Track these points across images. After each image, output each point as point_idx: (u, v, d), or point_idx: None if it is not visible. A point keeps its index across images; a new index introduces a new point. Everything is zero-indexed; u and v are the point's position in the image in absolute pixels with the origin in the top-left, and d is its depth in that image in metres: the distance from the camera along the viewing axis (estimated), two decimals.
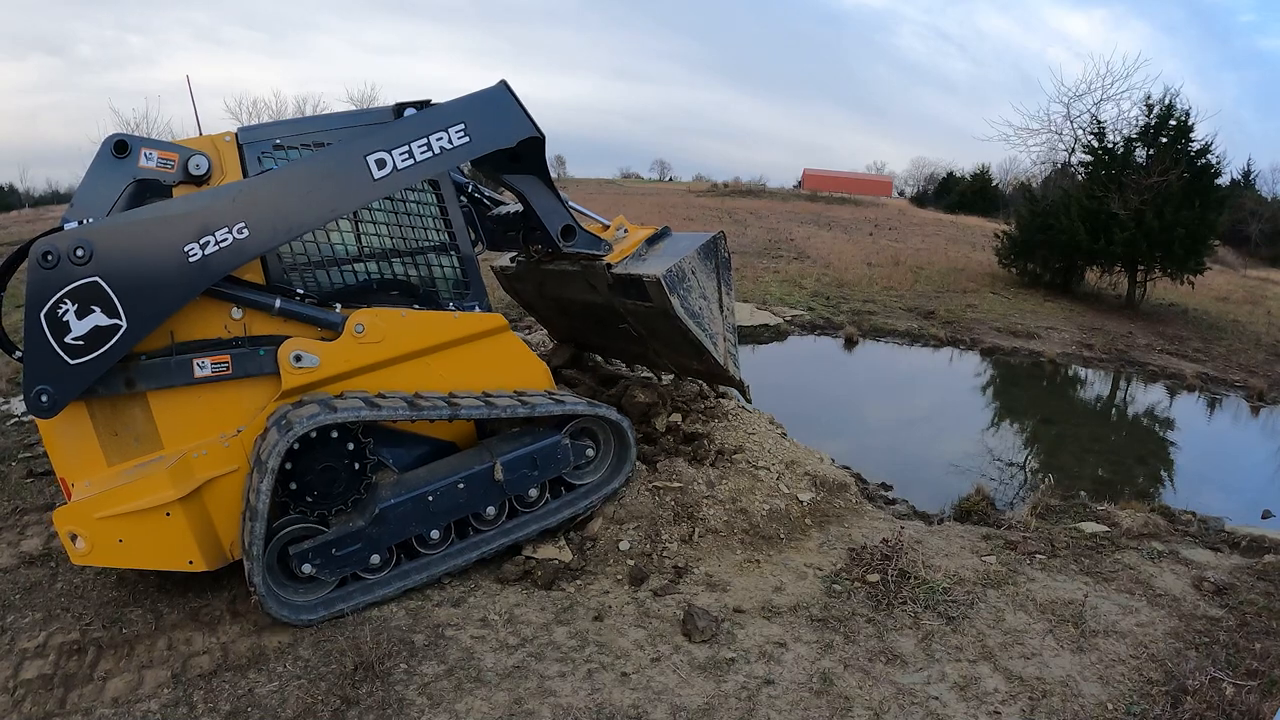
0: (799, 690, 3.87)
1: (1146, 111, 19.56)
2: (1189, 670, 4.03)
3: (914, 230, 34.51)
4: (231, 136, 4.47)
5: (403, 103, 4.81)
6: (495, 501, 4.87)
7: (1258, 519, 7.64)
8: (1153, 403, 12.93)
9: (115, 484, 4.11)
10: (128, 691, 3.80)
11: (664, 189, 65.78)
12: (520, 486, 4.94)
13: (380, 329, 4.67)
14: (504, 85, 4.90)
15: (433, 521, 4.66)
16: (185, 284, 4.05)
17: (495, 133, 4.82)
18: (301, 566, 4.31)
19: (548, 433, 5.08)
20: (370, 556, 4.47)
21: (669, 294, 5.16)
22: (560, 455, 5.08)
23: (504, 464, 4.81)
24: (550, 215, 5.38)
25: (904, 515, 6.63)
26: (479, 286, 5.30)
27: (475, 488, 4.75)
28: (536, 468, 4.97)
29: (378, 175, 4.40)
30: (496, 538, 4.89)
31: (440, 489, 4.63)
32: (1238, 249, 40.55)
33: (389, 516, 4.47)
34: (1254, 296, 24.63)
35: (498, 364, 5.12)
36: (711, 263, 5.54)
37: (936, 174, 67.72)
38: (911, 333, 15.09)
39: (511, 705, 3.70)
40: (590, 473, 5.33)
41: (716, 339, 5.62)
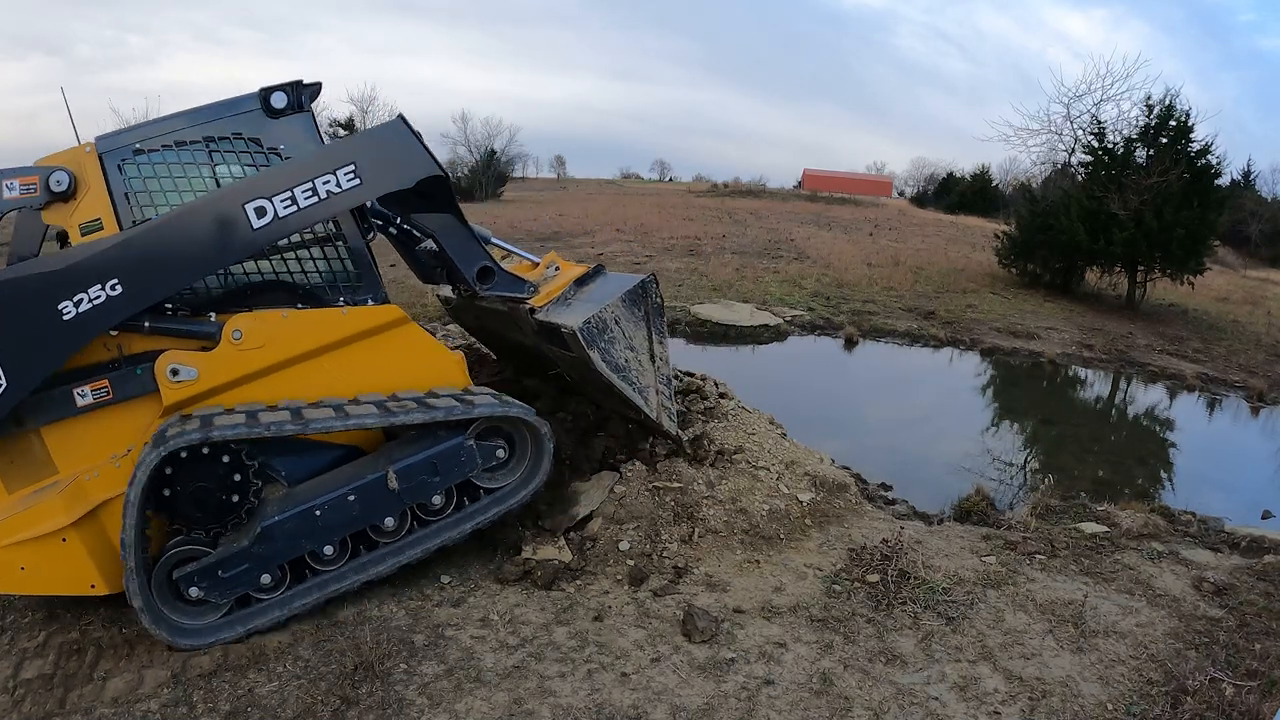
0: (799, 690, 3.87)
1: (1146, 112, 19.57)
2: (1189, 670, 4.03)
3: (914, 230, 34.51)
4: (91, 146, 4.24)
5: (269, 87, 4.42)
6: (393, 512, 4.45)
7: (1258, 519, 7.65)
8: (1153, 403, 12.93)
9: (12, 512, 3.98)
10: (128, 691, 3.80)
11: (664, 189, 65.79)
12: (421, 494, 4.51)
13: (261, 333, 4.37)
14: (400, 120, 4.59)
15: (324, 537, 4.28)
16: (61, 342, 3.93)
17: (390, 173, 4.49)
18: (188, 590, 4.08)
19: (449, 435, 4.61)
20: (260, 577, 4.17)
21: (586, 347, 4.72)
22: (465, 458, 4.60)
23: (398, 472, 4.39)
24: (465, 257, 5.03)
25: (904, 515, 6.64)
26: (371, 278, 4.88)
27: (368, 499, 4.35)
28: (438, 473, 4.52)
29: (257, 225, 4.15)
30: (403, 550, 4.52)
31: (328, 503, 4.26)
32: (1238, 249, 40.54)
33: (274, 534, 4.16)
34: (1254, 297, 24.63)
35: (401, 360, 4.77)
36: (640, 310, 5.05)
37: (936, 174, 67.69)
38: (911, 333, 15.10)
39: (511, 705, 3.70)
40: (506, 475, 4.87)
41: (647, 392, 5.16)
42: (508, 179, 54.92)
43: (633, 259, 20.69)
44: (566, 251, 21.93)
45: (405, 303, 13.85)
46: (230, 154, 4.45)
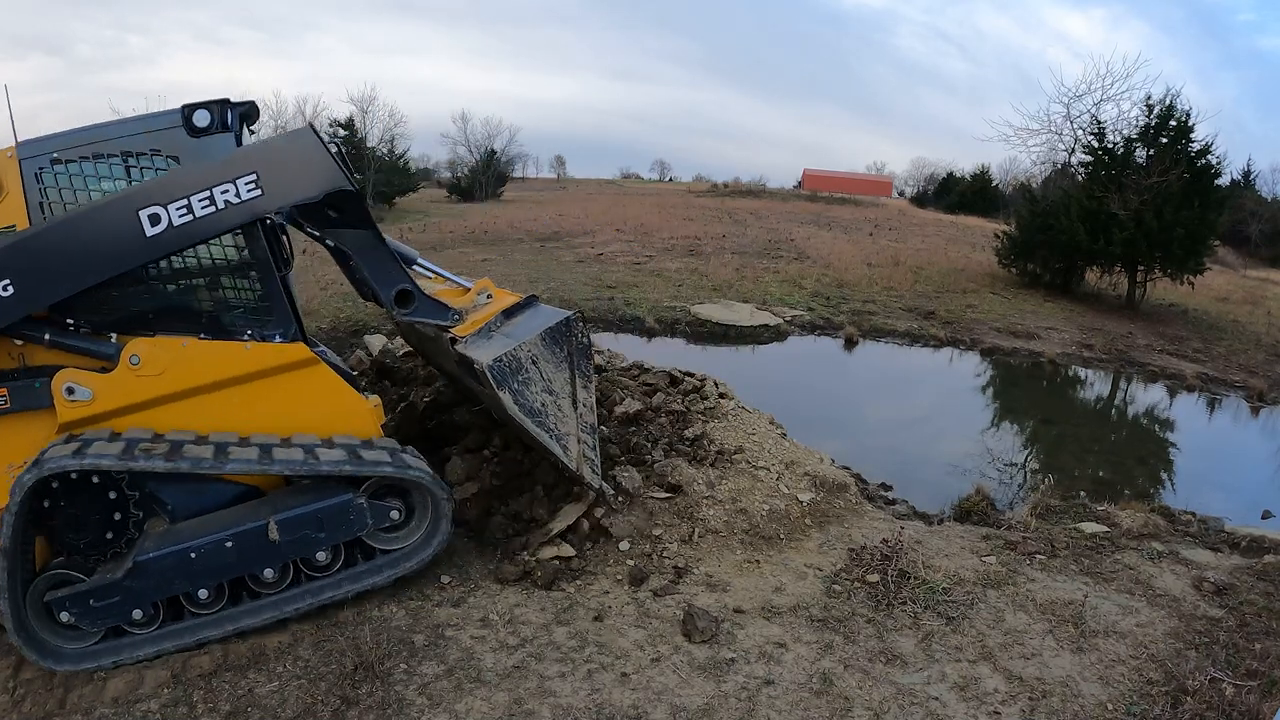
0: (799, 690, 3.87)
1: (1146, 112, 19.57)
2: (1189, 670, 4.03)
3: (914, 230, 34.52)
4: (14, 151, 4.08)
5: (192, 104, 4.23)
6: (274, 564, 4.20)
7: (1258, 519, 7.65)
8: (1153, 403, 12.93)
9: None
10: (128, 691, 3.80)
11: (664, 189, 65.82)
12: (304, 549, 4.24)
13: (159, 360, 4.17)
14: (309, 129, 4.34)
15: (198, 581, 4.07)
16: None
17: (294, 185, 4.21)
18: (60, 613, 3.92)
19: (338, 490, 4.29)
20: (131, 611, 3.98)
21: (497, 387, 4.36)
22: (354, 517, 4.30)
23: (280, 523, 4.13)
24: (382, 278, 4.69)
25: (904, 515, 6.64)
26: (283, 313, 4.56)
27: (247, 547, 4.11)
28: (323, 529, 4.24)
29: (150, 232, 3.96)
30: (284, 604, 4.25)
31: (204, 546, 4.04)
32: (1238, 249, 40.54)
33: (147, 571, 3.96)
34: (1254, 297, 24.63)
35: (305, 403, 4.50)
36: (562, 349, 4.65)
37: (936, 174, 67.71)
38: (911, 333, 15.10)
39: (511, 705, 3.70)
40: (405, 536, 4.55)
41: (567, 440, 4.72)
42: (508, 179, 54.99)
43: (633, 259, 20.70)
44: (567, 252, 21.92)
45: None
46: (148, 170, 4.23)
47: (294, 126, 34.91)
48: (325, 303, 13.66)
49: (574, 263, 19.81)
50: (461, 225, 28.74)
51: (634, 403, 6.71)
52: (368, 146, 37.19)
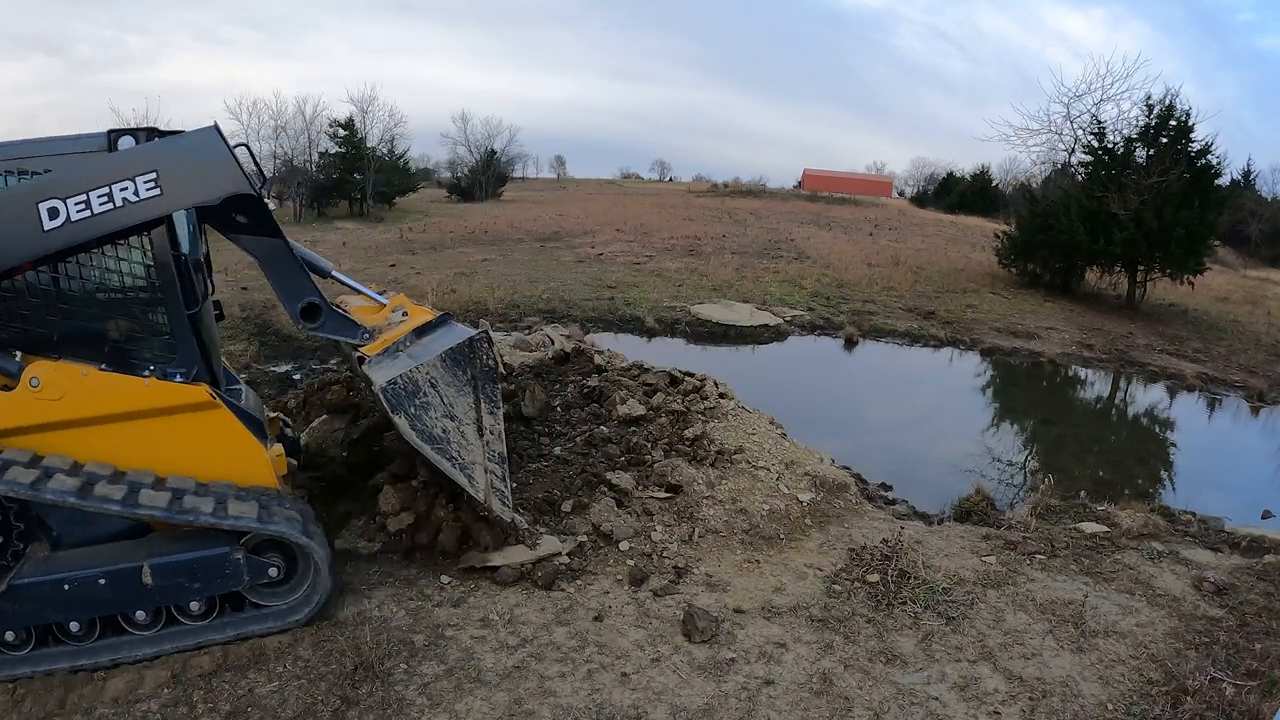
0: (799, 690, 3.87)
1: (1147, 112, 19.58)
2: (1189, 670, 4.03)
3: (914, 230, 34.53)
4: None
5: (118, 129, 4.15)
6: (146, 607, 4.08)
7: (1258, 519, 7.65)
8: (1153, 403, 12.94)
9: None
10: (128, 691, 3.80)
11: (664, 189, 65.83)
12: (177, 596, 4.11)
13: (59, 385, 4.06)
14: (214, 129, 4.09)
15: (69, 613, 3.98)
16: None
17: (194, 186, 4.04)
18: None
19: (215, 542, 4.14)
20: (4, 633, 3.92)
21: (391, 411, 4.19)
22: (230, 571, 4.14)
23: (154, 568, 4.01)
24: (289, 290, 4.45)
25: (904, 515, 6.64)
26: (189, 351, 4.38)
27: (120, 587, 4.00)
28: (197, 580, 4.10)
29: (49, 226, 3.80)
30: (150, 644, 4.12)
31: (78, 580, 3.94)
32: (1238, 249, 40.54)
33: (20, 595, 3.87)
34: (1254, 297, 24.64)
35: (199, 446, 4.35)
36: (464, 372, 4.42)
37: (936, 174, 67.70)
38: (911, 333, 15.10)
39: (511, 705, 3.70)
40: (286, 594, 4.34)
41: (472, 469, 4.50)
42: (508, 179, 54.99)
43: (633, 259, 20.70)
44: (567, 251, 21.92)
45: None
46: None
47: (295, 127, 34.95)
48: None
49: (574, 263, 19.81)
50: (461, 225, 28.74)
51: (635, 404, 6.72)
52: (368, 146, 37.17)
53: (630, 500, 5.57)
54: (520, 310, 13.91)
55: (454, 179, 54.45)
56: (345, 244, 22.85)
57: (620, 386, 7.09)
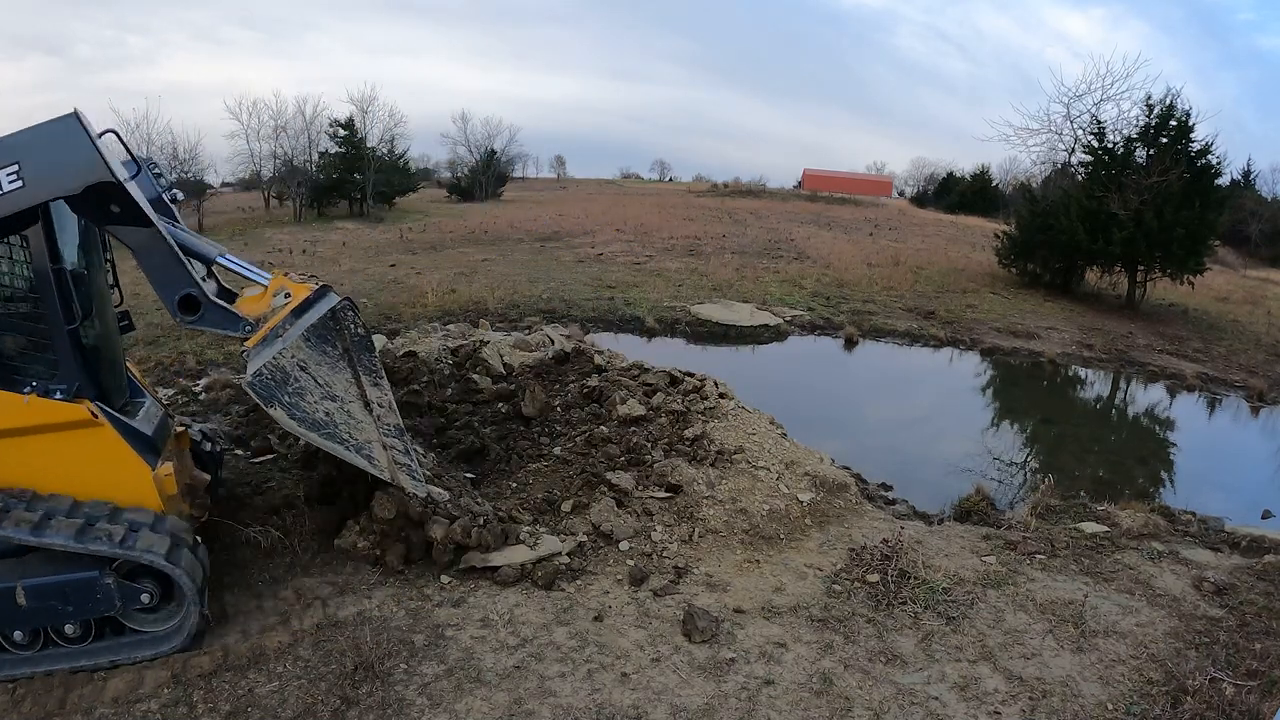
0: (799, 690, 3.87)
1: (1147, 112, 19.56)
2: (1189, 670, 4.03)
3: (914, 230, 34.52)
4: None
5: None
6: (23, 627, 4.01)
7: (1258, 519, 7.64)
8: (1153, 403, 12.93)
9: None
10: (128, 691, 3.80)
11: (664, 189, 65.81)
12: (52, 619, 4.02)
13: None
14: (74, 117, 3.89)
15: None
16: None
17: (56, 177, 3.87)
18: None
19: (86, 565, 4.03)
20: None
21: (265, 405, 4.02)
22: (101, 595, 4.02)
23: (27, 589, 3.92)
24: (164, 280, 4.21)
25: (904, 515, 6.64)
26: (70, 368, 4.22)
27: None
28: (69, 603, 4.00)
29: None
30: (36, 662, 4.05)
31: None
32: (1238, 249, 40.52)
33: None
34: (1254, 296, 24.63)
35: (79, 464, 4.20)
36: (336, 347, 4.10)
37: (936, 174, 67.64)
38: (911, 333, 15.09)
39: (511, 705, 3.70)
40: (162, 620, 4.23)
41: (370, 448, 4.31)
42: (508, 179, 54.94)
43: (633, 259, 20.70)
44: (567, 251, 21.91)
45: (404, 302, 13.89)
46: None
47: (295, 126, 34.92)
48: None
49: (574, 263, 19.80)
50: (461, 225, 28.74)
51: (635, 404, 6.72)
52: (368, 146, 37.15)
53: (630, 500, 5.57)
54: (520, 310, 13.90)
55: (454, 179, 54.41)
56: (345, 244, 22.85)
57: (620, 386, 7.09)
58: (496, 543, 5.02)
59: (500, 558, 4.97)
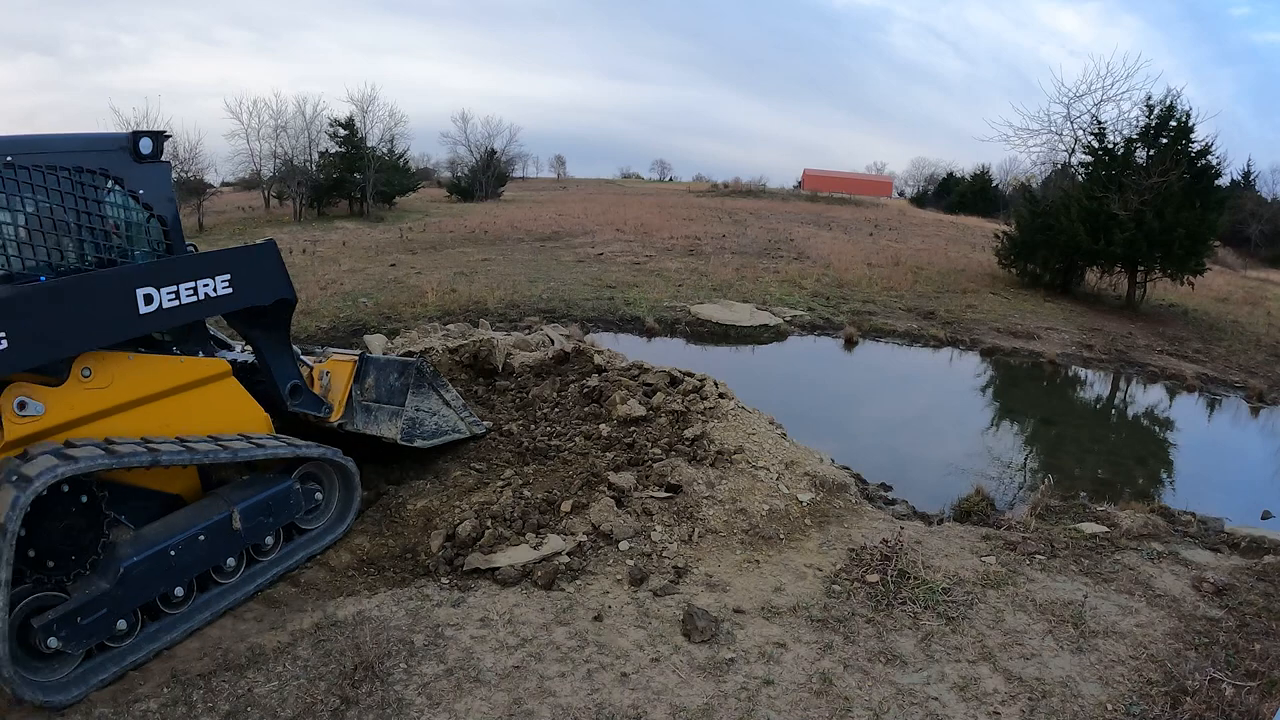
0: (799, 690, 3.87)
1: (1147, 112, 19.55)
2: (1188, 671, 4.03)
3: (914, 230, 34.51)
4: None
5: (139, 131, 4.60)
6: (235, 552, 4.66)
7: (1258, 519, 7.64)
8: (1152, 403, 12.93)
9: None
10: (127, 691, 3.80)
11: (664, 189, 65.79)
12: (257, 535, 4.77)
13: (109, 373, 4.30)
14: (272, 245, 5.12)
15: (176, 578, 4.31)
16: None
17: (257, 289, 4.94)
18: (47, 641, 3.75)
19: (279, 478, 4.98)
20: (116, 622, 4.02)
21: (409, 443, 5.81)
22: (293, 500, 4.97)
23: (241, 512, 4.62)
24: (282, 374, 5.41)
25: (904, 515, 6.63)
26: (201, 331, 5.16)
27: (215, 539, 4.51)
28: (271, 514, 4.83)
29: (144, 310, 4.31)
30: (240, 586, 4.66)
31: (180, 543, 4.31)
32: (1238, 249, 40.53)
33: (132, 576, 4.07)
34: (1254, 297, 24.62)
35: (220, 410, 4.92)
36: (425, 388, 5.92)
37: (936, 174, 67.67)
38: (911, 333, 15.09)
39: (511, 705, 3.70)
40: (319, 516, 5.31)
41: (459, 426, 6.27)
42: (508, 179, 54.90)
43: (633, 259, 20.69)
44: (567, 251, 21.91)
45: (404, 301, 13.89)
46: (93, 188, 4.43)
47: (295, 126, 34.90)
48: (325, 302, 13.66)
49: (574, 262, 19.80)
50: (461, 225, 28.73)
51: (635, 404, 6.72)
52: (368, 146, 37.14)
53: (630, 500, 5.57)
54: (520, 310, 13.90)
55: (454, 179, 54.39)
56: (345, 243, 22.83)
57: (620, 386, 7.08)
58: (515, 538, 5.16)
59: (502, 558, 4.98)
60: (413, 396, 5.80)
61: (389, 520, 5.66)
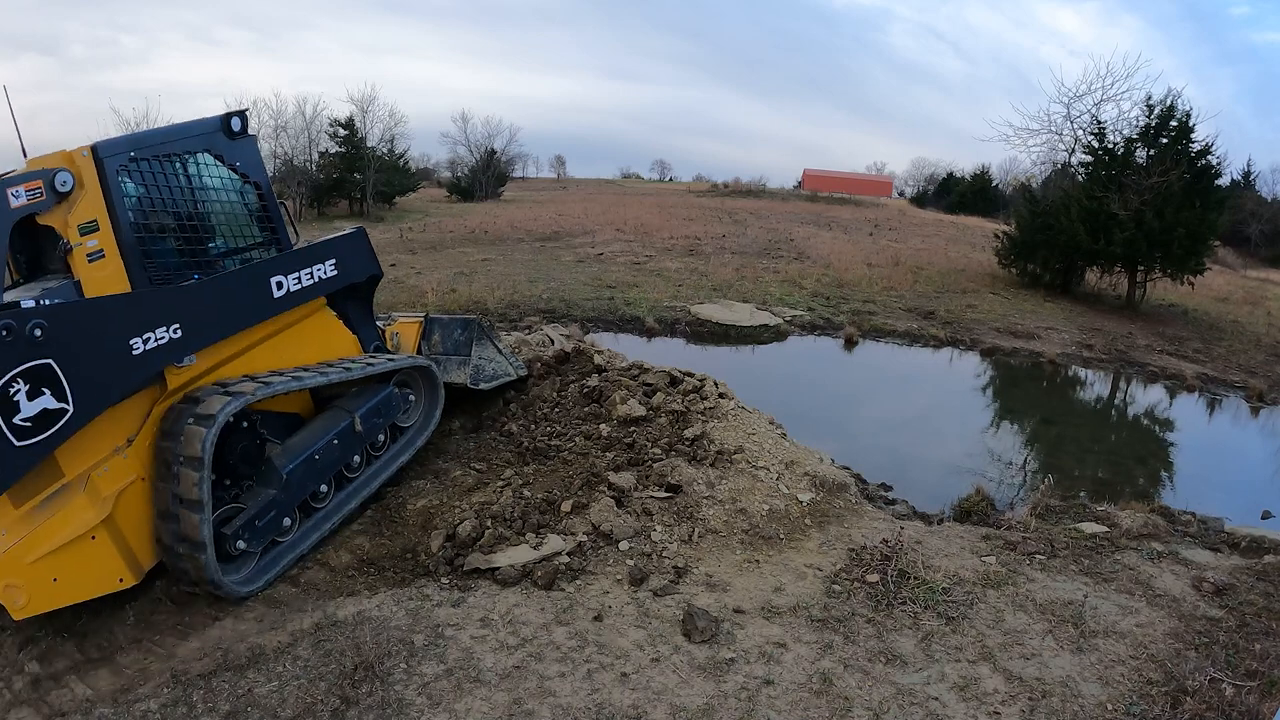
0: (799, 690, 3.86)
1: (1147, 112, 19.54)
2: (1188, 671, 4.03)
3: (914, 230, 34.50)
4: (89, 151, 4.41)
5: (228, 113, 5.17)
6: (358, 450, 5.73)
7: (1258, 519, 7.64)
8: (1152, 403, 12.92)
9: (35, 524, 4.00)
10: (127, 691, 3.80)
11: (664, 189, 65.78)
12: (373, 434, 5.84)
13: None
14: (362, 231, 6.15)
15: (322, 477, 5.37)
16: (126, 375, 4.25)
17: (356, 268, 5.95)
18: (236, 544, 4.67)
19: (381, 386, 5.98)
20: (283, 520, 5.04)
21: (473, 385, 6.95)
22: (394, 403, 6.07)
23: (360, 417, 5.63)
24: (368, 336, 6.35)
25: (904, 515, 6.63)
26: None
27: (344, 441, 5.53)
28: (381, 415, 5.89)
29: (277, 295, 5.20)
30: (368, 481, 5.80)
31: (320, 449, 5.31)
32: (1238, 249, 40.53)
33: (292, 480, 5.07)
34: (1254, 297, 24.62)
35: (321, 339, 5.81)
36: (484, 340, 7.24)
37: (936, 174, 67.67)
38: (911, 333, 15.09)
39: (511, 705, 3.70)
40: (411, 415, 6.45)
41: (510, 370, 7.40)
42: (508, 179, 54.91)
43: (633, 259, 20.69)
44: (567, 251, 21.91)
45: (404, 301, 13.88)
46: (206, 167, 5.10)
47: (295, 126, 34.89)
48: None
49: (574, 262, 19.80)
50: (461, 225, 28.73)
51: (635, 404, 6.72)
52: (368, 146, 37.14)
53: (630, 500, 5.57)
54: (520, 310, 13.90)
55: (454, 179, 54.40)
56: None
57: (620, 386, 7.08)
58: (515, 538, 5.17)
59: (502, 558, 4.98)
60: (476, 347, 6.97)
61: (389, 520, 5.67)
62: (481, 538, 5.20)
